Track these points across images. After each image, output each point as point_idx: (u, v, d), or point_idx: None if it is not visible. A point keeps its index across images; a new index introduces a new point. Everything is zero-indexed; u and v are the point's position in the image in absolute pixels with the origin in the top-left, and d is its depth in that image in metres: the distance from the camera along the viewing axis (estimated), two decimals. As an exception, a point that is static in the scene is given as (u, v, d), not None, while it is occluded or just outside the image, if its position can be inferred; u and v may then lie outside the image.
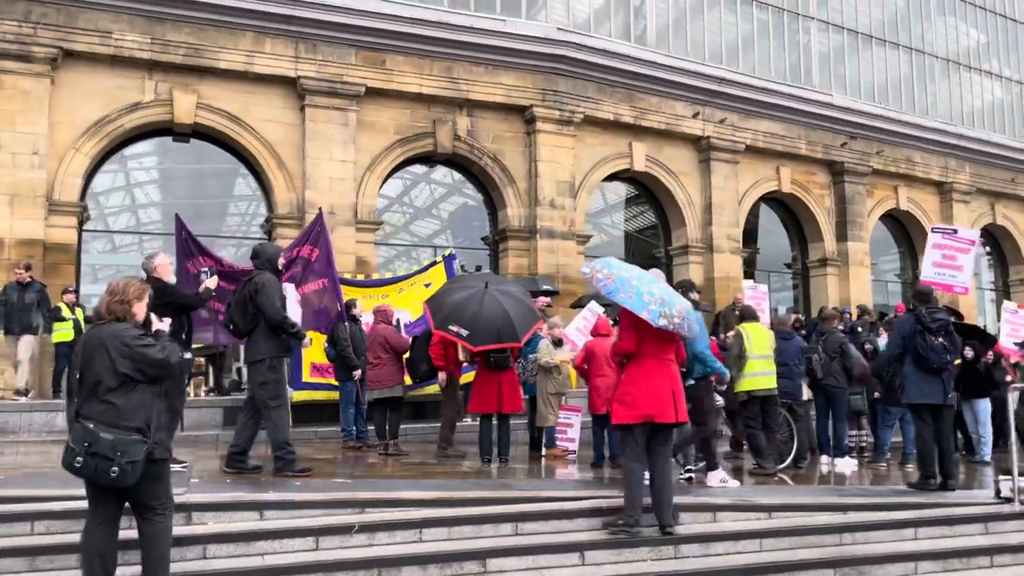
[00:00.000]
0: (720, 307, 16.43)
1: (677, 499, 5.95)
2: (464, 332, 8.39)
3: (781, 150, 19.44)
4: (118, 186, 15.61)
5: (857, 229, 20.40)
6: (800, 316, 16.83)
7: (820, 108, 19.73)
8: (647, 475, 5.64)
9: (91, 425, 4.08)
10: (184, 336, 7.11)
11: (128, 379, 4.19)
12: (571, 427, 9.57)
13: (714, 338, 10.10)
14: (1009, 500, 6.66)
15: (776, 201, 20.48)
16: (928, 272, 9.38)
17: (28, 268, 11.67)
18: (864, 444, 11.52)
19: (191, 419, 11.01)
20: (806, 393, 10.62)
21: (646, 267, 6.97)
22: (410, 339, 9.63)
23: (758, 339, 8.56)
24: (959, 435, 11.59)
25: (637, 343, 5.70)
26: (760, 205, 20.06)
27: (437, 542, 5.04)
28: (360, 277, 13.21)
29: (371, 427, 9.91)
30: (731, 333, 9.34)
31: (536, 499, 5.72)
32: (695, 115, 18.34)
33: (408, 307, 11.41)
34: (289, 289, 8.95)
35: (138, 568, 4.27)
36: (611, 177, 18.13)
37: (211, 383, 13.67)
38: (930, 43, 22.93)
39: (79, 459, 4.04)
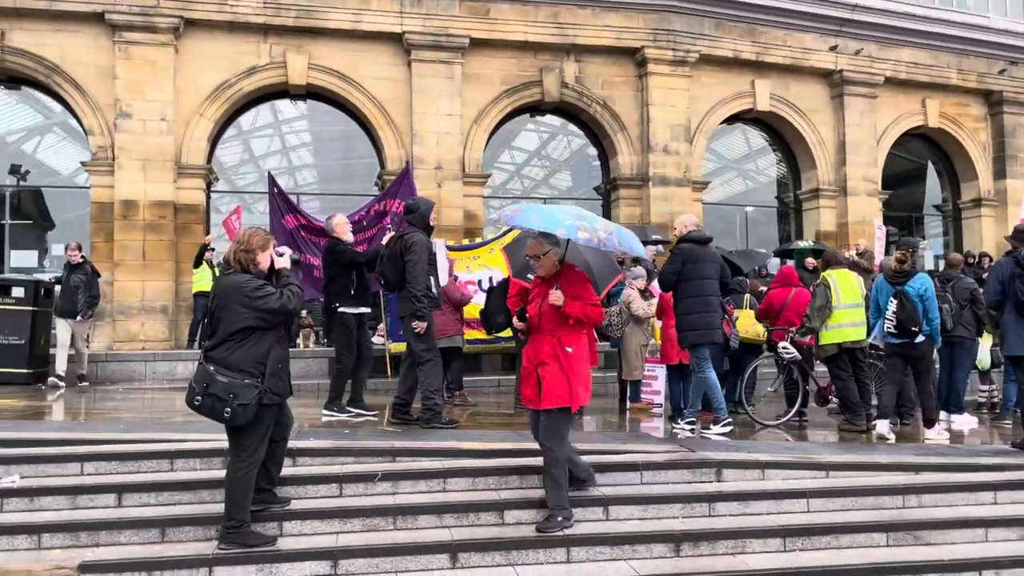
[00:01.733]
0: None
1: (724, 455, 5.64)
2: (540, 281, 8.27)
3: (927, 81, 17.67)
4: (274, 150, 16.62)
5: (1019, 165, 18.33)
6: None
7: (973, 32, 17.72)
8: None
9: (211, 367, 4.35)
10: (353, 291, 7.39)
11: (249, 328, 4.41)
12: (656, 379, 9.28)
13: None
14: None
15: (923, 137, 18.72)
16: None
17: (79, 248, 11.35)
18: (996, 400, 10.51)
19: (297, 368, 11.64)
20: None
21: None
22: (473, 292, 9.64)
23: (846, 287, 7.88)
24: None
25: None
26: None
27: (458, 492, 5.06)
28: (463, 242, 13.26)
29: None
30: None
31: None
32: (832, 48, 16.95)
33: (500, 265, 11.41)
34: (439, 244, 9.06)
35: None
36: (732, 119, 17.19)
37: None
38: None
39: (198, 398, 4.35)
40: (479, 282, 11.51)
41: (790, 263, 14.69)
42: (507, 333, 9.37)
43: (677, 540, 4.79)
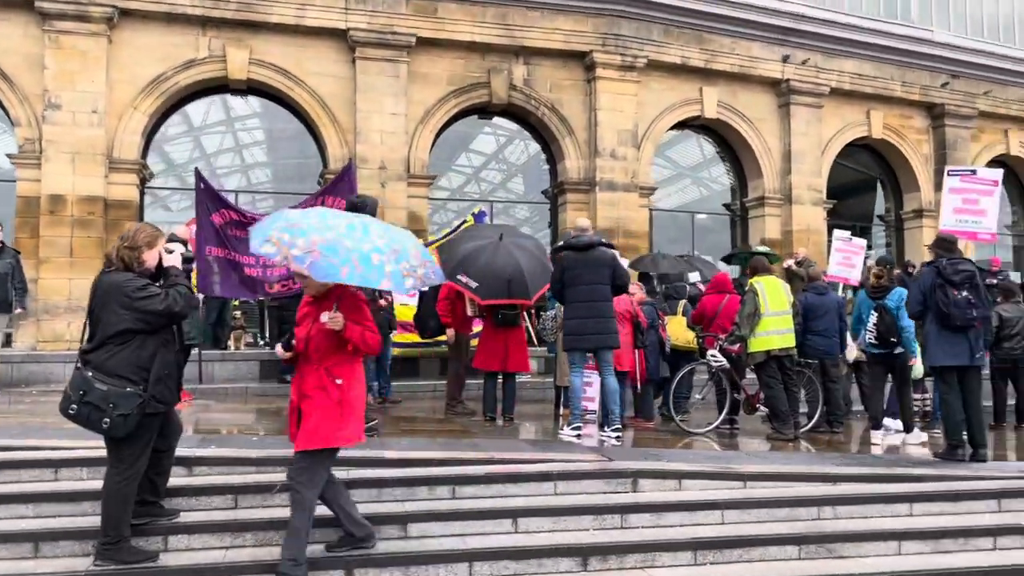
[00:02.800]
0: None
1: (641, 465, 5.53)
2: (473, 284, 8.10)
3: (871, 92, 17.90)
4: (226, 147, 16.19)
5: (959, 178, 18.62)
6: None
7: (916, 45, 18.02)
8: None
9: (89, 373, 4.04)
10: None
11: (131, 330, 4.14)
12: (591, 386, 9.15)
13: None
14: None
15: (868, 148, 18.97)
16: (948, 219, 8.40)
17: None
18: (928, 408, 10.61)
19: (227, 371, 11.32)
20: (852, 354, 9.83)
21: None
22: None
23: (774, 295, 7.86)
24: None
25: None
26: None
27: (362, 504, 4.85)
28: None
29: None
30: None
31: (487, 461, 5.42)
32: (785, 59, 17.07)
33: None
34: None
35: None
36: (681, 126, 17.22)
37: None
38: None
39: (73, 407, 4.03)
40: (416, 284, 11.31)
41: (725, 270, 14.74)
42: (443, 336, 9.28)
43: (585, 554, 4.65)
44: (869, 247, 19.76)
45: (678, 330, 8.61)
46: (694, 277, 13.48)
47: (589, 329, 7.10)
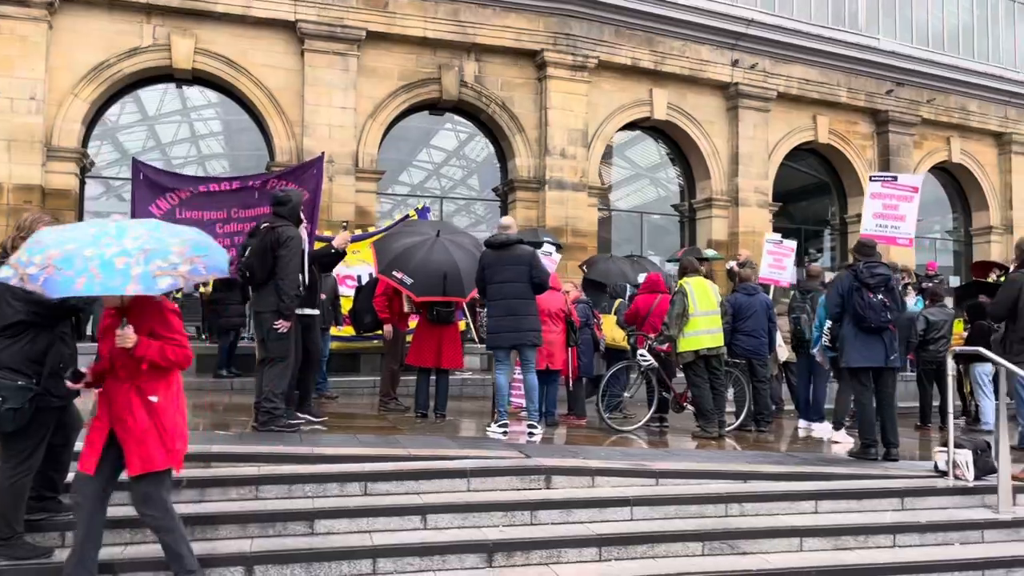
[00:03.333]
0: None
1: (556, 462, 5.61)
2: (408, 280, 8.11)
3: (818, 98, 18.26)
4: (182, 138, 15.93)
5: (901, 183, 19.07)
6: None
7: (862, 52, 18.40)
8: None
9: None
10: (301, 291, 6.82)
11: (23, 323, 4.07)
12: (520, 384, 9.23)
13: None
14: (944, 474, 6.05)
15: (815, 153, 19.34)
16: (868, 224, 8.65)
17: None
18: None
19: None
20: (784, 354, 10.04)
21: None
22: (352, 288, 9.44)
23: (702, 295, 8.00)
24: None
25: None
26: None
27: (271, 500, 4.86)
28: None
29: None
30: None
31: (403, 458, 5.45)
32: (734, 63, 17.33)
33: (372, 261, 11.20)
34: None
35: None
36: (631, 126, 17.40)
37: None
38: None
39: None
40: (358, 277, 11.29)
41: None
42: (379, 332, 9.27)
43: (491, 550, 4.70)
44: (819, 250, 20.25)
45: (609, 329, 8.72)
46: (641, 278, 13.65)
47: (507, 327, 7.15)
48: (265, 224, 6.84)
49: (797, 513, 5.52)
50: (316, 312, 7.36)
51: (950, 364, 6.25)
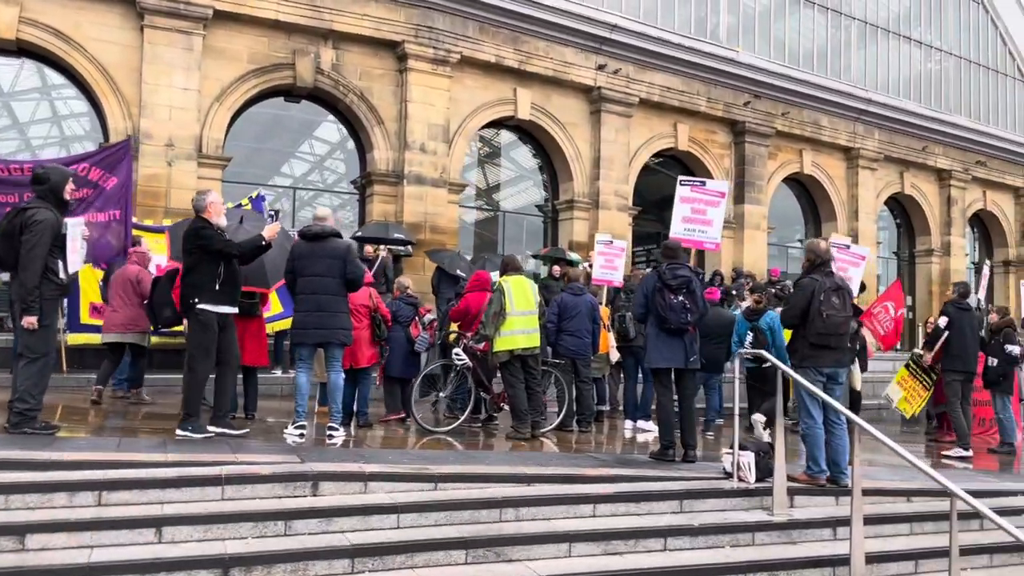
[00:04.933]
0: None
1: (326, 466, 5.31)
2: (206, 266, 7.59)
3: (679, 106, 18.66)
4: (42, 117, 14.67)
5: (756, 192, 19.80)
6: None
7: (722, 64, 18.94)
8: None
9: None
10: (218, 286, 6.41)
11: None
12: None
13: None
14: (730, 476, 6.12)
15: (676, 159, 19.77)
16: (677, 228, 8.81)
17: None
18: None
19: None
20: (615, 356, 10.10)
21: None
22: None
23: (520, 294, 7.89)
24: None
25: None
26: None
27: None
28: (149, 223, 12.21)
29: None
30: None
31: (145, 464, 5.02)
32: (601, 67, 17.46)
33: (164, 251, 10.55)
34: (75, 224, 7.95)
35: None
36: (495, 124, 17.28)
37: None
38: (848, 4, 22.17)
39: None
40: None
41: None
42: (179, 328, 8.69)
43: (227, 565, 4.36)
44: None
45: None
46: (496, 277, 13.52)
47: (314, 323, 6.83)
48: (22, 206, 6.22)
49: (574, 517, 5.43)
50: (234, 310, 6.71)
51: (736, 366, 6.33)
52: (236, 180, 14.45)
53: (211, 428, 6.56)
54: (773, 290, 14.26)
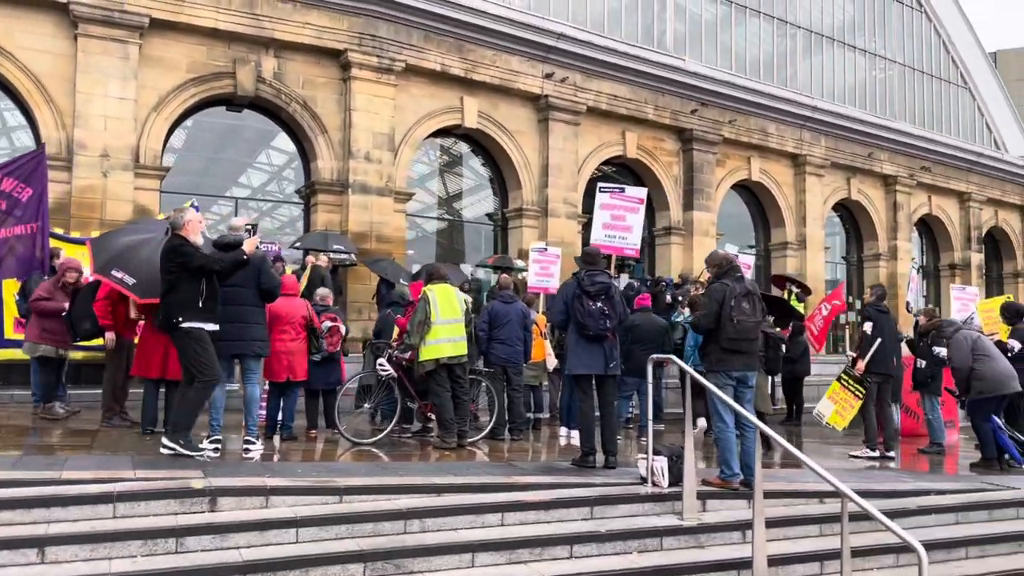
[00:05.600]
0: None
1: (226, 481, 5.22)
2: (130, 280, 7.47)
3: (626, 114, 18.79)
4: None
5: (704, 199, 19.98)
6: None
7: (669, 72, 19.11)
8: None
9: None
10: (201, 304, 6.34)
11: None
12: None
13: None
14: (645, 481, 6.13)
15: (625, 167, 19.90)
16: (598, 235, 8.86)
17: None
18: (630, 415, 11.15)
19: None
20: (552, 363, 10.11)
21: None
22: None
23: (445, 302, 7.85)
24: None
25: None
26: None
27: None
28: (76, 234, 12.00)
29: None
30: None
31: (33, 482, 4.90)
32: (548, 76, 17.53)
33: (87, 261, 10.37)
34: None
35: None
36: (442, 133, 17.25)
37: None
38: (793, 14, 22.55)
39: None
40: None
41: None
42: (98, 341, 8.53)
43: (108, 585, 4.25)
44: (638, 261, 20.81)
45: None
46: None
47: (230, 335, 6.72)
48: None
49: (481, 527, 5.39)
50: (216, 327, 6.53)
51: (649, 370, 6.36)
52: (195, 192, 14.33)
53: (204, 446, 6.50)
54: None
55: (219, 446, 6.73)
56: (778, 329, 13.60)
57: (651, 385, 6.57)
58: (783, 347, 11.63)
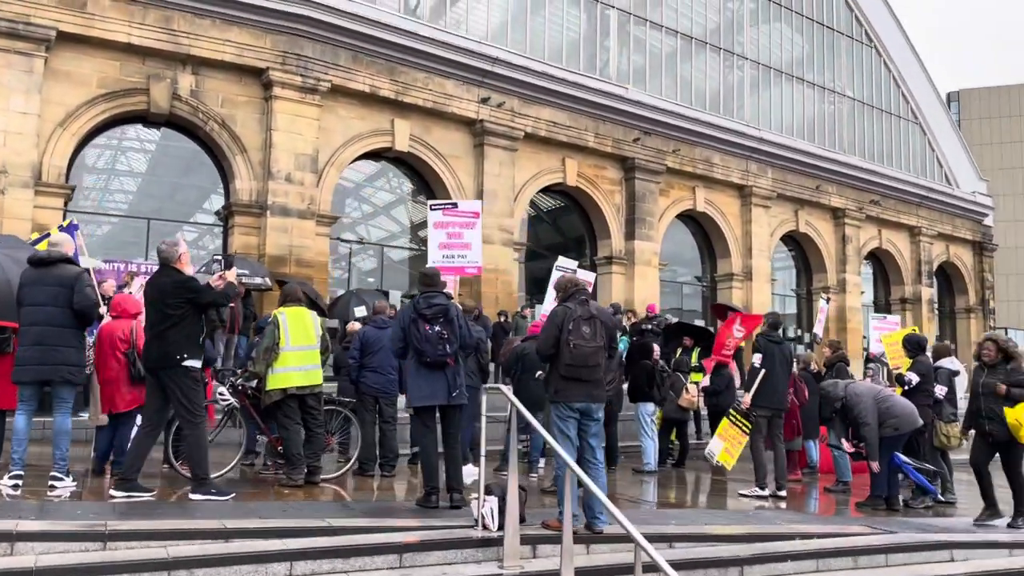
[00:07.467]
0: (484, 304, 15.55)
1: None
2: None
3: (567, 141, 18.49)
4: None
5: (647, 228, 19.64)
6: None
7: (610, 100, 18.88)
8: None
9: None
10: (201, 340, 6.13)
11: None
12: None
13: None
14: (476, 524, 5.57)
15: (566, 195, 19.56)
16: (435, 256, 8.36)
17: None
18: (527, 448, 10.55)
19: None
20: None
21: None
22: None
23: (297, 327, 7.29)
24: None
25: None
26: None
27: None
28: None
29: None
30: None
31: None
32: (484, 100, 17.21)
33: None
34: None
35: None
36: (372, 155, 16.84)
37: None
38: (741, 47, 22.48)
39: None
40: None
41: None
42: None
43: None
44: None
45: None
46: (360, 311, 12.95)
47: (33, 359, 6.15)
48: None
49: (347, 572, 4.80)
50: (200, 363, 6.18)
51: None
52: (154, 217, 13.84)
53: (215, 492, 6.12)
54: (650, 326, 13.97)
55: (19, 482, 6.11)
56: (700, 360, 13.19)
57: (484, 417, 6.02)
58: (666, 380, 11.02)
